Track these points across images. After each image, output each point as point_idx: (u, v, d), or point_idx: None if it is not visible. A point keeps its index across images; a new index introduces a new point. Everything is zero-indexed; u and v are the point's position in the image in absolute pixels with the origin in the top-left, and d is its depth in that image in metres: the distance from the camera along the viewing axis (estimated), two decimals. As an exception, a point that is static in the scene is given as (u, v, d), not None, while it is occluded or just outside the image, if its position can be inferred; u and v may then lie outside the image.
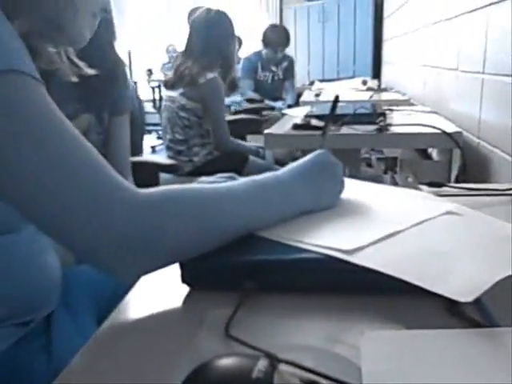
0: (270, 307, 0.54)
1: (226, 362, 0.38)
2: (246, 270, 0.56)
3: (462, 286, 0.52)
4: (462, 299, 0.50)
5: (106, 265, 0.54)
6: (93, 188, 0.52)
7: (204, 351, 0.46)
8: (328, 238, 0.61)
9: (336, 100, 0.86)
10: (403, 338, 0.46)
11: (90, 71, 1.31)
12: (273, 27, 4.27)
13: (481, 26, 1.68)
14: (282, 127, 1.90)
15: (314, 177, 0.70)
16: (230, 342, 0.47)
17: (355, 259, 0.56)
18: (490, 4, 1.60)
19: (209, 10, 2.48)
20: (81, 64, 1.29)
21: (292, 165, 0.71)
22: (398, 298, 0.54)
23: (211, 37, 2.41)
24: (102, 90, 1.33)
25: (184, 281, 0.58)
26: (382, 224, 0.66)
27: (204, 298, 0.57)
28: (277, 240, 0.61)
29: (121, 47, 1.51)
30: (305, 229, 0.64)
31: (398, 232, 0.64)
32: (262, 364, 0.36)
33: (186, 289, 0.60)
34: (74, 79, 1.25)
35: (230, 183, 0.63)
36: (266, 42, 4.06)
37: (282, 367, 0.37)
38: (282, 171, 0.69)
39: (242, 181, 0.64)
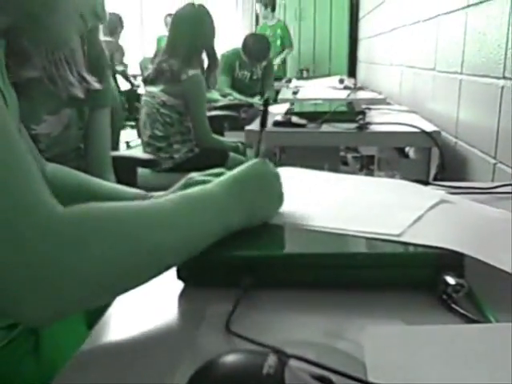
0: (268, 303, 0.54)
1: (234, 358, 0.38)
2: (243, 266, 0.55)
3: None
4: None
5: (5, 304, 0.43)
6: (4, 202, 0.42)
7: (206, 349, 0.46)
8: (366, 225, 0.62)
9: (266, 103, 0.80)
10: (403, 333, 0.46)
11: (98, 86, 1.29)
12: (253, 37, 4.18)
13: (459, 26, 1.71)
14: (262, 124, 1.89)
15: (247, 191, 0.63)
16: (231, 338, 0.47)
17: (411, 239, 0.57)
18: (468, 6, 1.63)
19: (191, 6, 2.46)
20: (90, 79, 1.27)
21: (225, 177, 0.64)
22: (393, 293, 0.54)
23: (194, 32, 2.40)
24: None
25: (179, 277, 0.58)
26: (404, 210, 0.68)
27: (200, 295, 0.57)
28: (319, 230, 0.62)
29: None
30: (336, 217, 0.65)
31: (423, 215, 0.65)
32: (272, 360, 0.36)
33: (179, 285, 0.59)
34: (81, 95, 1.23)
35: (155, 201, 0.56)
36: (245, 51, 4.02)
37: (292, 363, 0.37)
38: (213, 185, 0.62)
39: (169, 198, 0.56)
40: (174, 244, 0.52)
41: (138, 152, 2.54)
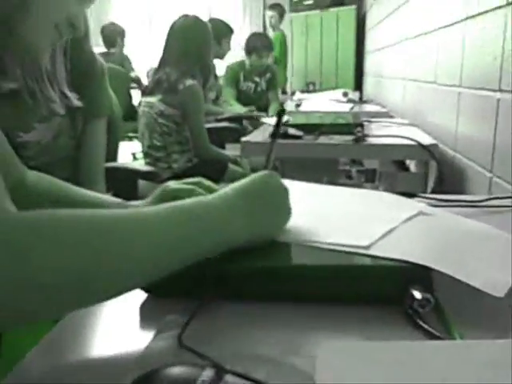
0: (227, 316, 0.52)
1: (171, 371, 0.37)
2: (204, 278, 0.54)
3: (492, 282, 0.52)
4: (496, 294, 0.50)
5: None
6: None
7: (154, 360, 0.44)
8: (337, 237, 0.60)
9: (280, 114, 0.74)
10: (362, 349, 0.44)
11: (78, 103, 1.28)
12: (255, 34, 4.30)
13: (458, 39, 1.70)
14: (259, 135, 1.89)
15: (251, 205, 0.58)
16: (182, 351, 0.45)
17: (377, 252, 0.56)
18: (467, 18, 1.61)
19: (186, 16, 2.48)
20: (71, 95, 1.26)
21: (227, 188, 0.59)
22: (358, 308, 0.52)
23: (189, 42, 2.40)
24: (76, 90, 1.29)
25: (142, 287, 0.56)
26: (378, 222, 0.66)
27: (162, 305, 0.55)
28: (287, 242, 0.60)
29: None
30: (309, 229, 0.63)
31: (396, 228, 0.64)
32: (207, 374, 0.35)
33: (143, 295, 0.58)
34: (62, 112, 1.23)
35: (138, 209, 0.51)
36: (249, 48, 4.05)
37: (229, 378, 0.35)
38: (214, 195, 0.57)
39: (157, 207, 0.52)
40: (147, 257, 0.47)
41: (139, 164, 2.54)
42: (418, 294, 0.51)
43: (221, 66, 4.01)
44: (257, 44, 4.03)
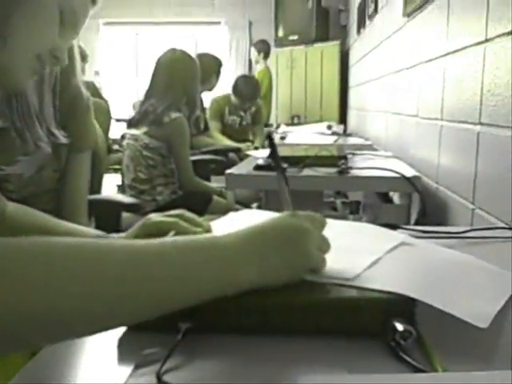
0: (207, 350, 0.51)
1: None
2: (181, 310, 0.53)
3: (476, 312, 0.52)
4: (479, 324, 0.50)
5: None
6: None
7: (131, 397, 0.43)
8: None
9: (270, 137, 0.75)
10: (343, 382, 0.44)
11: (65, 140, 1.28)
12: (244, 78, 4.27)
13: (439, 74, 1.74)
14: (244, 168, 1.90)
15: (267, 246, 0.54)
16: (160, 386, 0.44)
17: (363, 283, 0.55)
18: (447, 54, 1.65)
19: (174, 50, 2.51)
20: (58, 134, 1.26)
21: (243, 228, 0.55)
22: (340, 340, 0.52)
23: (176, 75, 2.43)
24: (60, 125, 1.29)
25: (120, 321, 0.55)
26: (362, 253, 0.66)
27: (140, 339, 0.54)
28: None
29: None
30: None
31: (380, 259, 0.64)
32: (185, 410, 0.34)
33: (122, 328, 0.56)
34: (49, 149, 1.23)
35: (132, 241, 0.48)
36: (236, 92, 4.07)
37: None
38: (226, 234, 0.54)
39: (152, 241, 0.49)
40: (137, 296, 0.45)
41: (123, 196, 2.51)
42: (399, 326, 0.50)
43: (206, 98, 4.03)
44: (243, 92, 4.04)
